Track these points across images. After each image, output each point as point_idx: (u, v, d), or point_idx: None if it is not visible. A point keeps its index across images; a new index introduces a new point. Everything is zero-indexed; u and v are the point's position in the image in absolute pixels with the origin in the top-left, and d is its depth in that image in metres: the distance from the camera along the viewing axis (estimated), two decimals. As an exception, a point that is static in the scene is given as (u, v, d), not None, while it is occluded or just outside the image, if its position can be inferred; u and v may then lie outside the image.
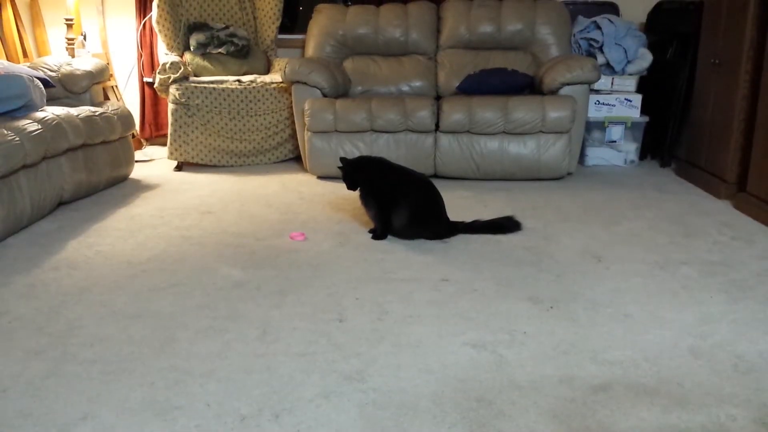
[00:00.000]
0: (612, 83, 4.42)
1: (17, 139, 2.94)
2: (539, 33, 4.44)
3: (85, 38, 4.74)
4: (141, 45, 4.93)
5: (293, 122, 4.31)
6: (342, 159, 3.02)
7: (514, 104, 3.83)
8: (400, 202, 2.87)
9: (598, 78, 3.95)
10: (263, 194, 3.71)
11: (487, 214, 3.24)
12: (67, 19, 4.49)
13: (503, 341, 1.98)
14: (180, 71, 4.24)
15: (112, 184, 3.90)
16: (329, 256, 2.73)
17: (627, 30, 4.36)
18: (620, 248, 2.80)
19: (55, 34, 4.86)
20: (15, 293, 2.36)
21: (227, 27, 4.67)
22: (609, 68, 4.39)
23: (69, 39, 4.49)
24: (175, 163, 4.40)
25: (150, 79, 4.83)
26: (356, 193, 2.91)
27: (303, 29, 4.78)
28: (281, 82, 4.32)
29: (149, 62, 4.95)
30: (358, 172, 2.97)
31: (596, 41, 4.41)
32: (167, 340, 2.00)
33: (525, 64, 4.41)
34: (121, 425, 1.58)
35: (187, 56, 4.52)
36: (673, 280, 2.45)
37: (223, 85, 4.29)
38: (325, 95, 4.06)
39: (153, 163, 4.58)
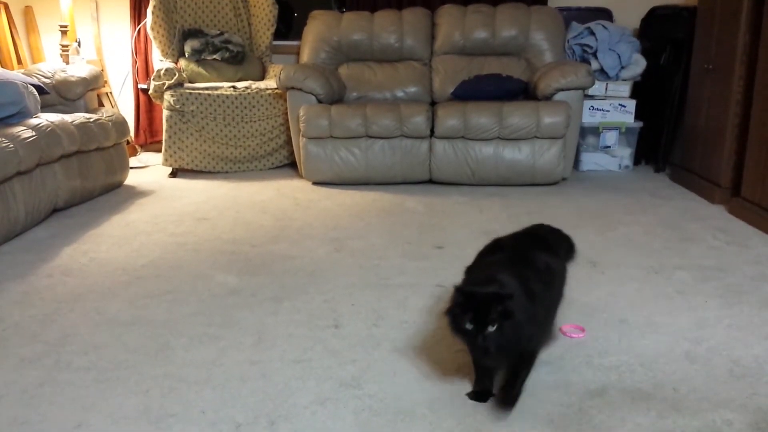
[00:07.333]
0: (606, 89, 4.43)
1: (11, 145, 2.93)
2: (533, 39, 4.46)
3: (79, 45, 4.74)
4: (135, 51, 4.93)
5: (288, 128, 4.31)
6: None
7: (508, 110, 3.83)
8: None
9: (592, 83, 3.96)
10: (258, 200, 3.71)
11: (482, 220, 3.25)
12: (61, 26, 4.48)
13: (499, 347, 1.98)
14: (175, 78, 4.23)
15: (107, 191, 3.89)
16: (324, 262, 2.73)
17: (621, 36, 4.38)
18: (615, 253, 2.80)
19: (49, 41, 4.86)
20: (9, 300, 2.35)
21: (222, 33, 4.67)
22: (603, 74, 4.40)
23: (63, 46, 4.49)
24: (169, 170, 4.39)
25: (144, 86, 4.82)
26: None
27: (298, 35, 4.78)
28: (276, 89, 4.32)
29: (144, 69, 4.94)
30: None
31: (590, 47, 4.43)
32: (162, 348, 1.99)
33: (519, 69, 4.42)
34: (115, 433, 1.57)
35: (182, 63, 4.52)
36: (668, 285, 2.46)
37: (218, 92, 4.29)
38: (320, 101, 4.06)
39: (148, 170, 4.58)
